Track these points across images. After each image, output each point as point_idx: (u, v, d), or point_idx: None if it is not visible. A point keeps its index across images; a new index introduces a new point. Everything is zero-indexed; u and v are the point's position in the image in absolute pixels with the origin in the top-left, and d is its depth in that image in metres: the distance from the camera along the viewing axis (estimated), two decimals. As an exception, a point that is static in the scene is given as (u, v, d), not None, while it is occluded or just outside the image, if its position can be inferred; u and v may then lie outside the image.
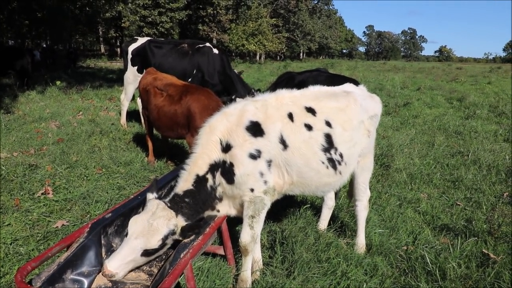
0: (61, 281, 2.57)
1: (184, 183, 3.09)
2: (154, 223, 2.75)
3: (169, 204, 2.95)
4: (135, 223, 2.77)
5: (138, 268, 2.90)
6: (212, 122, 3.22)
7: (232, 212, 3.35)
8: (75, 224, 4.37)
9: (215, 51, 8.69)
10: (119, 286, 2.68)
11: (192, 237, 2.89)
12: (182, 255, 2.68)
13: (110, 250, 2.99)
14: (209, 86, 7.65)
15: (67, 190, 5.29)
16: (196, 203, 3.08)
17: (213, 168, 3.11)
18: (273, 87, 5.65)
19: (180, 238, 2.87)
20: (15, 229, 4.18)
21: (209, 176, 3.11)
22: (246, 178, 3.06)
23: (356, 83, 4.49)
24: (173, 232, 2.82)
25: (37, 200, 4.91)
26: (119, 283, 2.70)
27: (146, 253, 2.74)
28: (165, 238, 2.78)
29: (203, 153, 3.11)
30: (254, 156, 3.06)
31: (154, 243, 2.73)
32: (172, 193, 3.11)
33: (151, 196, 3.02)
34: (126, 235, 2.79)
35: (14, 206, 4.68)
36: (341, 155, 3.41)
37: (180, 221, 2.92)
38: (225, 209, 3.30)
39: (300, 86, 3.83)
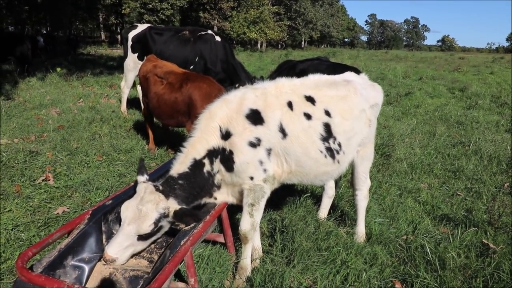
0: (62, 267, 2.59)
1: (180, 165, 3.07)
2: (143, 209, 2.74)
3: (161, 187, 2.92)
4: (126, 209, 2.78)
5: (138, 254, 2.92)
6: (212, 108, 3.20)
7: (230, 200, 3.34)
8: (75, 211, 4.39)
9: (218, 38, 8.62)
10: (120, 272, 2.69)
11: (192, 225, 2.90)
12: (182, 242, 2.69)
13: (111, 237, 2.99)
14: (211, 74, 7.60)
15: (67, 177, 5.30)
16: (191, 187, 3.04)
17: (211, 154, 3.09)
18: (274, 75, 5.61)
19: (175, 222, 2.85)
20: (16, 215, 4.20)
21: (206, 161, 3.09)
22: (245, 166, 3.06)
23: (357, 71, 4.45)
24: (165, 215, 2.80)
25: (38, 187, 4.91)
26: (120, 269, 2.71)
27: (142, 237, 2.77)
28: (157, 221, 2.77)
29: (202, 138, 3.09)
30: (253, 144, 3.05)
31: (146, 228, 2.73)
32: (167, 175, 3.08)
33: (141, 178, 2.99)
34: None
35: (15, 193, 4.69)
36: (339, 144, 3.39)
37: (173, 204, 2.88)
38: (223, 196, 3.30)
39: (300, 75, 3.80)
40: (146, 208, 2.75)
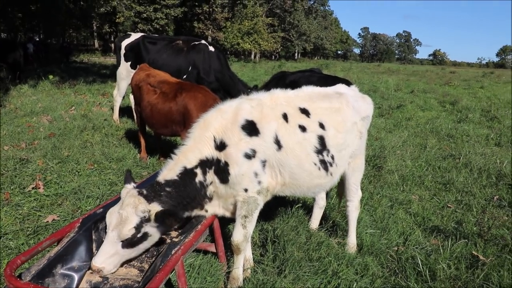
0: (51, 276, 2.55)
1: (168, 172, 3.01)
2: (123, 213, 2.68)
3: (145, 192, 2.84)
4: (110, 215, 2.74)
5: (128, 264, 2.89)
6: (207, 118, 3.18)
7: (220, 212, 3.29)
8: (65, 219, 4.34)
9: (211, 48, 8.66)
10: (109, 282, 2.66)
11: (183, 235, 2.88)
12: (173, 252, 2.68)
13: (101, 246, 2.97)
14: (204, 84, 7.62)
15: (58, 185, 5.25)
16: (180, 195, 2.97)
17: (204, 164, 3.04)
18: (266, 86, 5.64)
19: (159, 226, 2.78)
20: (5, 223, 4.14)
21: (198, 171, 3.04)
22: (240, 178, 3.03)
23: (348, 83, 4.49)
24: (146, 219, 2.72)
25: (27, 195, 4.86)
26: (110, 278, 2.68)
27: (126, 244, 2.69)
28: (138, 226, 2.69)
29: (195, 147, 3.05)
30: (249, 156, 3.03)
31: (126, 232, 2.65)
32: (154, 181, 3.03)
33: (128, 186, 2.92)
34: None
35: (4, 200, 4.64)
36: (332, 157, 3.41)
37: (155, 208, 2.79)
38: (214, 209, 3.25)
39: (291, 86, 3.82)
40: (125, 212, 2.69)
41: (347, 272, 3.55)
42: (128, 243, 2.71)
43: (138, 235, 2.72)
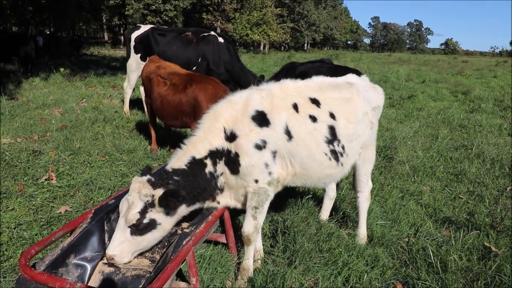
0: (64, 266, 2.60)
1: (177, 161, 3.02)
2: (130, 198, 2.72)
3: (153, 179, 2.85)
4: (122, 203, 2.78)
5: (140, 254, 2.92)
6: (217, 109, 3.18)
7: (232, 203, 3.30)
8: (78, 210, 4.40)
9: (221, 39, 8.63)
10: (121, 272, 2.70)
11: (194, 226, 2.90)
12: (184, 242, 2.70)
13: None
14: (214, 75, 7.61)
15: (70, 176, 5.32)
16: (190, 186, 2.97)
17: (213, 155, 3.05)
18: (275, 77, 5.62)
19: (165, 210, 2.79)
20: (19, 213, 4.21)
21: (208, 161, 3.05)
22: (251, 169, 3.03)
23: (358, 73, 4.45)
24: (151, 204, 2.73)
25: (40, 186, 4.93)
26: (122, 268, 2.72)
27: (134, 230, 2.71)
28: (143, 211, 2.70)
29: (204, 138, 3.06)
30: (259, 147, 3.03)
31: (131, 217, 2.67)
32: (162, 170, 3.04)
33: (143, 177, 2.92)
34: None
35: (18, 191, 4.71)
36: (343, 147, 3.39)
37: (160, 193, 2.78)
38: (225, 200, 3.26)
39: (301, 77, 3.79)
40: (131, 197, 2.72)
41: (358, 263, 3.54)
42: (136, 230, 2.71)
43: (144, 221, 2.72)
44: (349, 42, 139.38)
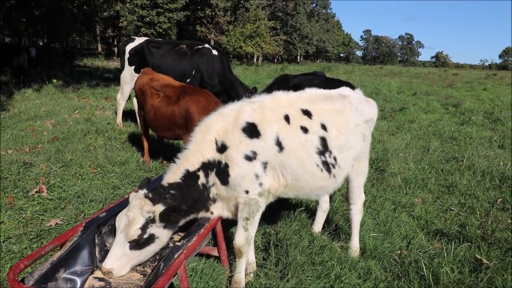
0: (53, 280, 2.56)
1: (172, 175, 3.09)
2: (130, 214, 2.76)
3: (150, 195, 2.92)
4: (119, 219, 2.82)
5: (132, 268, 2.89)
6: (208, 122, 3.23)
7: (225, 214, 3.33)
8: (69, 223, 4.35)
9: (215, 52, 8.70)
10: (111, 286, 2.67)
11: (186, 239, 2.88)
12: (176, 256, 2.68)
13: (104, 250, 2.98)
14: (208, 87, 7.65)
15: (61, 188, 5.27)
16: (185, 197, 3.04)
17: (206, 166, 3.10)
18: (268, 89, 5.65)
19: (166, 226, 2.85)
20: (8, 227, 4.15)
21: (201, 174, 3.10)
22: (241, 179, 3.06)
23: (352, 87, 4.50)
24: (151, 220, 2.80)
25: (31, 198, 4.88)
26: (112, 282, 2.69)
27: (133, 245, 2.75)
28: (144, 227, 2.77)
29: (197, 151, 3.12)
30: (249, 158, 3.06)
31: (133, 233, 2.73)
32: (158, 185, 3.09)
33: (140, 192, 2.98)
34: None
35: (7, 204, 4.65)
36: (335, 159, 3.42)
37: (160, 209, 2.85)
38: (218, 211, 3.30)
39: (294, 89, 3.83)
40: (132, 213, 2.77)
41: (350, 276, 3.54)
42: (136, 244, 2.76)
43: (145, 236, 2.78)
44: (341, 55, 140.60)
